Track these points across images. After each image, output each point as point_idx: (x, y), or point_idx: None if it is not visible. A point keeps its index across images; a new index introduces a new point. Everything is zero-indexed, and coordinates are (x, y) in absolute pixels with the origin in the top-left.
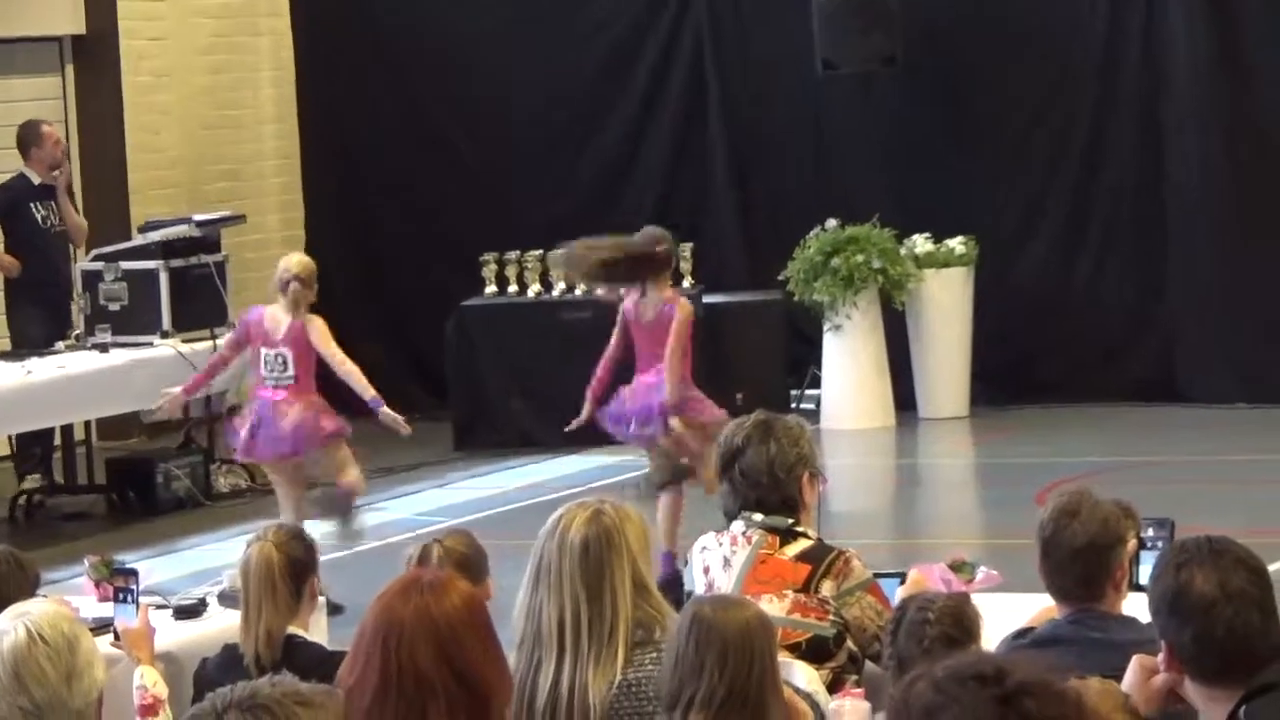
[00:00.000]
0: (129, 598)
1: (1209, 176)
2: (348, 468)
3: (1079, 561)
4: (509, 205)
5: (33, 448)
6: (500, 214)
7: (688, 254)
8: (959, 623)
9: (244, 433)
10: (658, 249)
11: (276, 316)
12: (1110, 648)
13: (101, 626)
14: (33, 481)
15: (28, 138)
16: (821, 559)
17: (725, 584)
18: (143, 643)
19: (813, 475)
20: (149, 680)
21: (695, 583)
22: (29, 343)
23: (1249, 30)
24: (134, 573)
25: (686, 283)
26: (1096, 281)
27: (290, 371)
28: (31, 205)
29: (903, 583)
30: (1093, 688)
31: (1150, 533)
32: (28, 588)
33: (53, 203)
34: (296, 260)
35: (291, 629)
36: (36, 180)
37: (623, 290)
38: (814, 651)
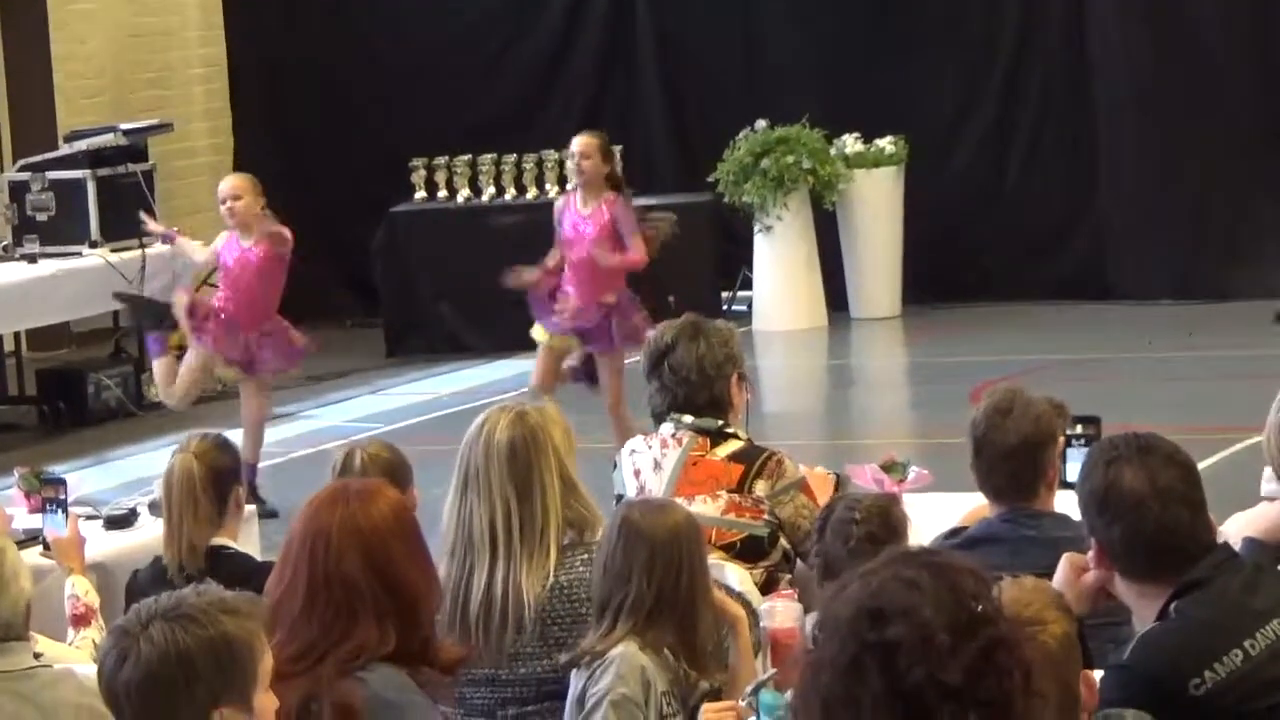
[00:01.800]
0: (58, 507)
1: (1137, 74)
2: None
3: (1012, 460)
4: (438, 110)
5: None
6: (430, 119)
7: (617, 156)
8: (885, 523)
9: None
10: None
11: (232, 243)
12: (1043, 545)
13: (32, 538)
14: None
15: None
16: (754, 459)
17: (657, 486)
18: (73, 552)
19: (741, 377)
20: (80, 589)
21: (626, 486)
22: None
23: None
24: (62, 482)
25: None
26: (1026, 179)
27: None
28: None
29: (836, 485)
30: (1025, 585)
31: (1077, 430)
32: None
33: None
34: (221, 184)
35: (219, 540)
36: None
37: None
38: (749, 551)
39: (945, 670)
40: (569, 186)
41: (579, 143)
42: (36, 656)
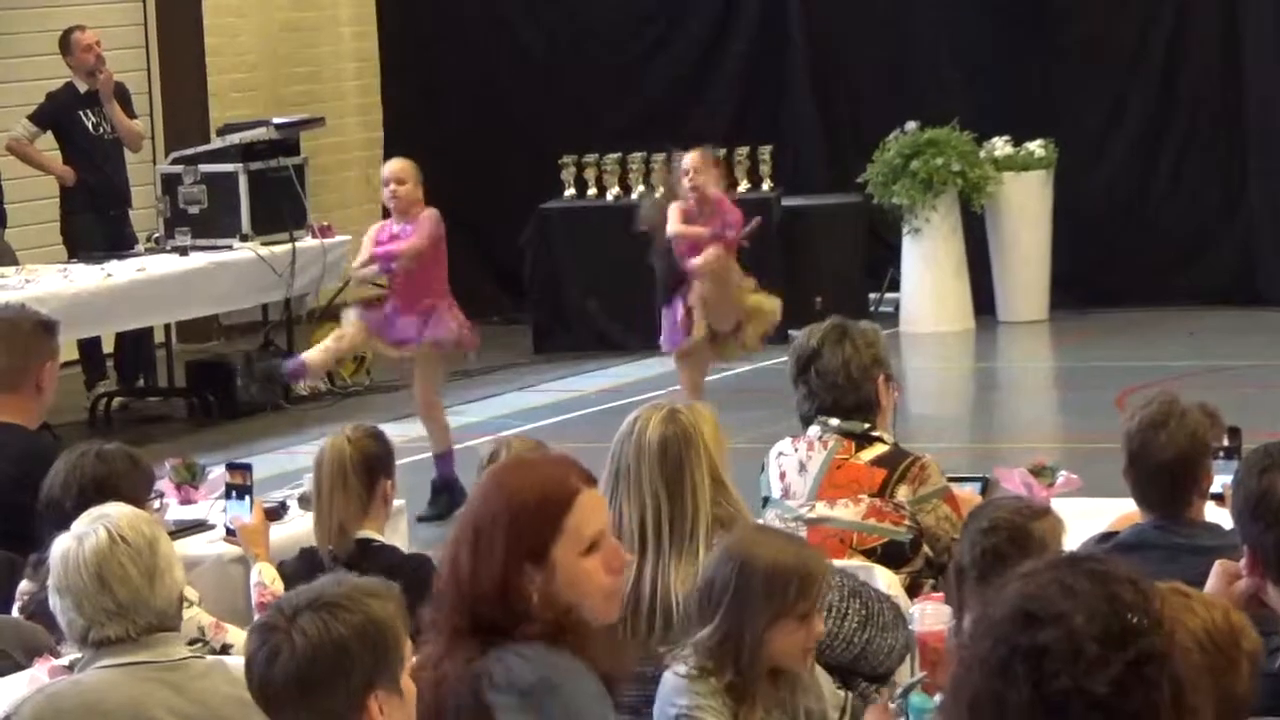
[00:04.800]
0: (243, 494)
1: None
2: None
3: (1167, 474)
4: (589, 107)
5: (97, 354)
6: (580, 116)
7: (767, 156)
8: (1016, 539)
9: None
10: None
11: (390, 227)
12: (1196, 553)
13: (183, 529)
14: (105, 386)
15: (62, 46)
16: (897, 464)
17: (801, 489)
18: (259, 539)
19: (888, 378)
20: (267, 577)
21: (771, 488)
22: (84, 250)
23: None
24: (249, 468)
25: (765, 185)
26: (1176, 184)
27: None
28: (81, 113)
29: (984, 488)
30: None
31: (1223, 441)
32: (144, 485)
33: (103, 109)
34: (385, 167)
35: (367, 532)
36: (83, 88)
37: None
38: (890, 556)
39: (1091, 680)
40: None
41: (688, 160)
42: (191, 644)
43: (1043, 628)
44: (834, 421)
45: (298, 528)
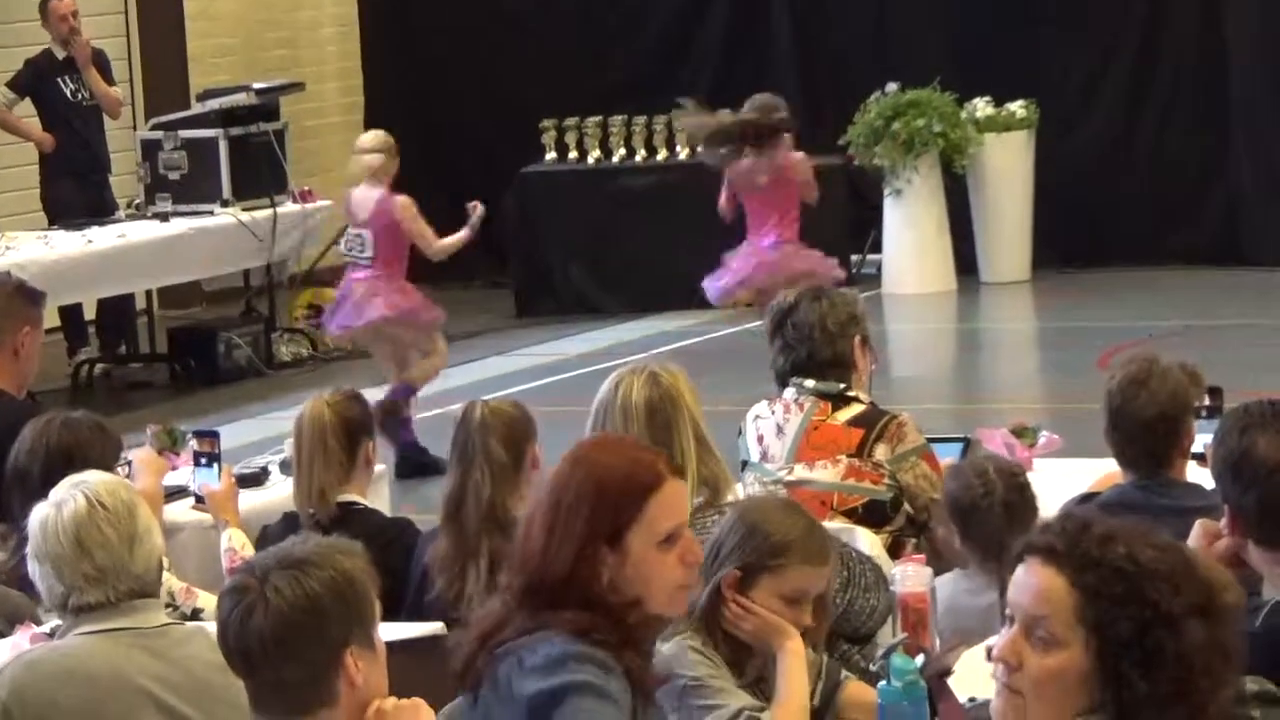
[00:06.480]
0: (211, 461)
1: (1273, 40)
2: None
3: (1149, 432)
4: (570, 70)
5: (78, 321)
6: (561, 79)
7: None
8: (1020, 489)
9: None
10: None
11: (360, 197)
12: (1178, 513)
13: (165, 495)
14: (86, 353)
15: (41, 13)
16: (874, 423)
17: (779, 451)
18: (228, 505)
19: (865, 341)
20: (238, 542)
21: (750, 451)
22: (64, 216)
23: None
24: (216, 435)
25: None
26: (1159, 143)
27: (368, 252)
28: (59, 80)
29: (965, 449)
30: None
31: (1204, 400)
32: (111, 453)
33: (80, 75)
34: (369, 135)
35: (348, 495)
36: (61, 55)
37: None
38: (871, 516)
39: None
40: None
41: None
42: (167, 608)
43: None
44: (809, 383)
45: (280, 492)
